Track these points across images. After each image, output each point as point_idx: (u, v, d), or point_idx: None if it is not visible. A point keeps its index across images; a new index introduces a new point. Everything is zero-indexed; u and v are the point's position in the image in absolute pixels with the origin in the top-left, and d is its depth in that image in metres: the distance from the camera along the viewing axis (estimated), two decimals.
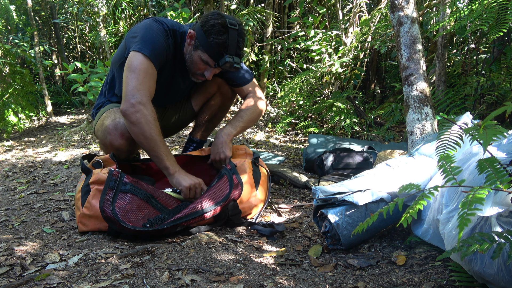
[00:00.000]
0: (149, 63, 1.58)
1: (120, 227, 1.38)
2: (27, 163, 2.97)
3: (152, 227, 1.40)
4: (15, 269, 1.13)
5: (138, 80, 1.56)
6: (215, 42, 1.61)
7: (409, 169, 1.43)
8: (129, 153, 1.75)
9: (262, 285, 1.12)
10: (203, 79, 1.76)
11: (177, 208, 1.54)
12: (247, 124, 1.89)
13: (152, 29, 1.63)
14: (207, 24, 1.61)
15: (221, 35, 1.59)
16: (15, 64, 5.24)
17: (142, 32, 1.63)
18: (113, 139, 1.66)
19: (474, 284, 1.02)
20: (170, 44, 1.69)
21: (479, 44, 3.35)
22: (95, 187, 1.48)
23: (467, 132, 0.84)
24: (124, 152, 1.71)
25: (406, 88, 1.90)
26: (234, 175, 1.59)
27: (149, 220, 1.42)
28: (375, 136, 3.34)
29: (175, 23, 1.74)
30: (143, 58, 1.58)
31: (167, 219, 1.43)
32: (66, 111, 6.42)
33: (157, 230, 1.40)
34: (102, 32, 5.13)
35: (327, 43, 3.74)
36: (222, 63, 1.63)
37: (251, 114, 1.90)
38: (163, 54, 1.64)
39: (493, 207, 0.89)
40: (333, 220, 1.32)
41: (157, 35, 1.63)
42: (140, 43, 1.59)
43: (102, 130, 1.71)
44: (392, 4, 1.96)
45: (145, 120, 1.54)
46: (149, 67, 1.58)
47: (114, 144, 1.67)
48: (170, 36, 1.69)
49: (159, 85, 1.84)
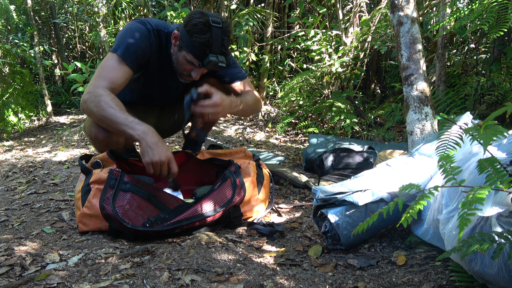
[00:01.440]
0: (119, 61, 1.59)
1: (120, 225, 1.38)
2: (27, 163, 2.97)
3: (152, 227, 1.40)
4: (15, 269, 1.13)
5: (99, 76, 1.58)
6: (198, 42, 1.58)
7: (409, 169, 1.43)
8: (118, 144, 1.75)
9: (262, 285, 1.12)
10: (190, 79, 1.75)
11: (178, 208, 1.53)
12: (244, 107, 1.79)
13: (130, 30, 1.64)
14: (189, 24, 1.59)
15: (204, 34, 1.57)
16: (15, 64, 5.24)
17: (120, 34, 1.66)
18: (96, 132, 1.67)
19: (474, 284, 1.02)
20: (153, 43, 1.69)
21: (479, 44, 3.36)
22: (95, 187, 1.48)
23: (467, 132, 0.84)
24: (112, 145, 1.71)
25: (406, 88, 1.90)
26: (238, 179, 1.59)
27: (149, 219, 1.42)
28: (375, 136, 3.34)
29: (160, 23, 1.74)
30: (114, 57, 1.60)
31: (167, 219, 1.43)
32: (66, 111, 6.42)
33: (156, 231, 1.40)
34: (102, 32, 5.13)
35: (327, 43, 3.74)
36: (206, 62, 1.61)
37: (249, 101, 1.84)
38: (139, 53, 1.64)
39: (493, 207, 0.89)
40: (333, 220, 1.32)
41: (133, 35, 1.63)
42: (116, 43, 1.62)
43: (88, 125, 1.73)
44: (392, 4, 1.96)
45: (95, 105, 1.52)
46: (117, 64, 1.59)
47: (98, 137, 1.68)
48: (153, 36, 1.69)
49: (148, 84, 1.84)
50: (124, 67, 1.61)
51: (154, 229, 1.40)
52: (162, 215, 1.45)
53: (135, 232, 1.40)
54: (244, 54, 4.42)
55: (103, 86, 1.55)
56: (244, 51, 4.41)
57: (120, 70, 1.60)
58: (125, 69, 1.62)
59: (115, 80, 1.59)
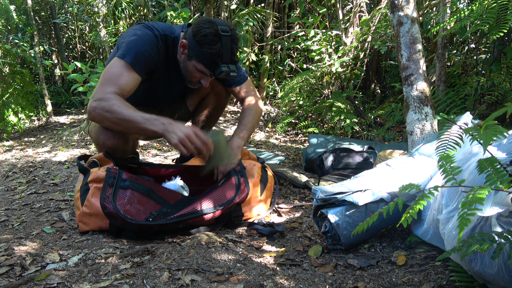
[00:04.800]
0: (128, 68, 1.57)
1: (123, 222, 1.38)
2: (27, 163, 2.97)
3: (155, 221, 1.40)
4: (15, 269, 1.13)
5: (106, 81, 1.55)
6: (209, 53, 1.58)
7: (409, 169, 1.43)
8: (125, 152, 1.75)
9: (262, 285, 1.12)
10: (199, 85, 1.76)
11: (179, 202, 1.53)
12: (252, 131, 1.89)
13: (139, 36, 1.62)
14: (199, 34, 1.58)
15: (214, 44, 1.57)
16: (15, 64, 5.23)
17: (128, 39, 1.62)
18: (105, 139, 1.66)
19: (474, 284, 1.02)
20: (161, 49, 1.68)
21: (479, 44, 3.35)
22: (93, 186, 1.48)
23: (467, 132, 0.84)
24: (118, 151, 1.71)
25: (406, 88, 1.90)
26: (242, 178, 1.59)
27: (152, 214, 1.43)
28: (375, 136, 3.34)
29: (166, 28, 1.72)
30: (122, 63, 1.57)
31: (169, 214, 1.43)
32: (66, 111, 6.41)
33: (160, 225, 1.40)
34: (102, 32, 5.13)
35: (327, 43, 3.74)
36: (218, 72, 1.62)
37: (253, 119, 1.89)
38: (148, 61, 1.63)
39: (493, 207, 0.89)
40: (333, 220, 1.32)
41: (143, 42, 1.61)
42: (124, 49, 1.59)
43: (94, 131, 1.71)
44: (392, 4, 1.96)
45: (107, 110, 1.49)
46: (125, 71, 1.57)
47: (106, 144, 1.67)
48: (161, 41, 1.68)
49: (153, 88, 1.84)
50: (133, 74, 1.59)
51: (158, 222, 1.40)
52: (164, 209, 1.45)
53: (139, 227, 1.40)
54: (244, 54, 4.42)
55: (111, 92, 1.52)
56: (244, 51, 4.41)
57: (129, 76, 1.58)
58: (134, 76, 1.59)
59: (124, 86, 1.56)
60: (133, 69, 1.58)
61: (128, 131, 1.60)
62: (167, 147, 3.53)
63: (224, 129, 4.44)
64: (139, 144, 3.56)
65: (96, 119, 1.56)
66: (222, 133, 1.77)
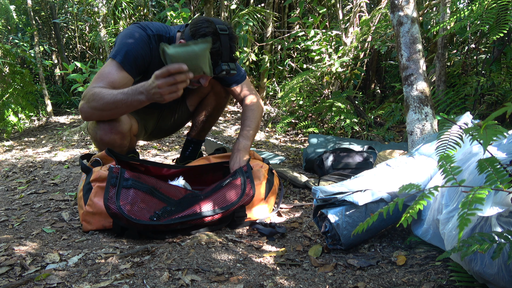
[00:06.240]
0: (118, 68, 1.59)
1: (127, 222, 1.38)
2: (27, 163, 2.97)
3: (159, 220, 1.40)
4: (15, 269, 1.13)
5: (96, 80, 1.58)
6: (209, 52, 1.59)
7: (409, 169, 1.43)
8: (122, 147, 1.75)
9: (262, 285, 1.12)
10: (199, 85, 1.76)
11: (183, 199, 1.53)
12: (256, 130, 1.91)
13: (130, 36, 1.63)
14: (197, 34, 1.58)
15: (213, 44, 1.57)
16: (15, 64, 5.24)
17: (119, 39, 1.65)
18: (102, 134, 1.67)
19: (474, 284, 1.02)
20: (153, 49, 1.68)
21: (479, 44, 3.35)
22: (96, 185, 1.48)
23: (467, 132, 0.84)
24: (116, 147, 1.71)
25: (406, 88, 1.90)
26: (248, 179, 1.59)
27: (156, 213, 1.43)
28: (375, 136, 3.34)
29: (161, 28, 1.73)
30: (113, 63, 1.59)
31: (174, 212, 1.43)
32: (66, 111, 6.42)
33: (164, 225, 1.40)
34: (102, 32, 5.13)
35: (327, 43, 3.74)
36: (218, 71, 1.62)
37: (256, 118, 1.91)
38: (139, 60, 1.64)
39: (493, 207, 0.89)
40: (333, 220, 1.32)
41: (134, 41, 1.62)
42: (115, 49, 1.61)
43: (92, 127, 1.72)
44: (392, 4, 1.96)
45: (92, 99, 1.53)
46: (115, 70, 1.59)
47: (104, 139, 1.67)
48: (154, 41, 1.68)
49: None
50: (123, 73, 1.61)
51: (162, 222, 1.40)
52: (168, 208, 1.45)
53: (144, 227, 1.40)
54: (244, 54, 4.42)
55: (97, 86, 1.56)
56: (244, 51, 4.41)
57: (118, 75, 1.60)
58: (124, 75, 1.61)
59: (113, 83, 1.58)
60: (122, 68, 1.60)
61: (120, 112, 1.60)
62: (167, 147, 3.53)
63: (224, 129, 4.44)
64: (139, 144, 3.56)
65: (87, 114, 1.59)
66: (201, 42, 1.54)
